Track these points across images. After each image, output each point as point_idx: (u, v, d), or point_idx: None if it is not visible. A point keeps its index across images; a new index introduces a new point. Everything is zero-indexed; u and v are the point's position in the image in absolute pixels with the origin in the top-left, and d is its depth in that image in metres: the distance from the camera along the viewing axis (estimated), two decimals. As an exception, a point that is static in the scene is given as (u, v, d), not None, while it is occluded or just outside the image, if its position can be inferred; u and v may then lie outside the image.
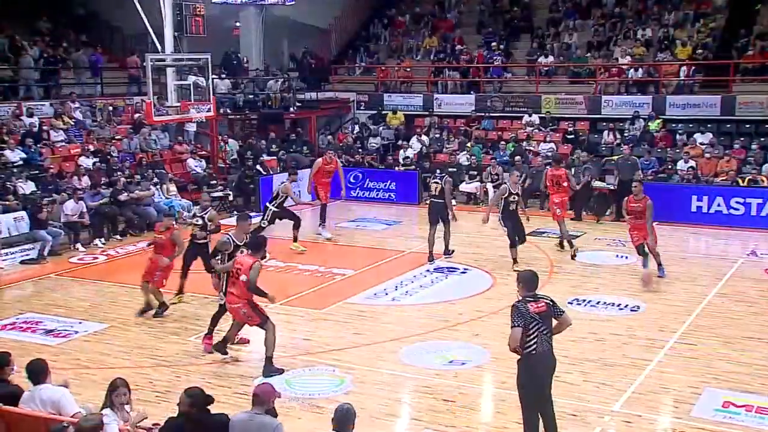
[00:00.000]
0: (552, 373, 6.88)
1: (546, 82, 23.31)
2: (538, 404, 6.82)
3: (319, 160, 16.38)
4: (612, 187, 17.93)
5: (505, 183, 14.11)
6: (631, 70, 22.01)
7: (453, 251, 14.23)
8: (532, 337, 6.60)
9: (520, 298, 6.81)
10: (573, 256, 14.15)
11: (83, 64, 22.26)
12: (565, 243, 14.78)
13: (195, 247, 11.71)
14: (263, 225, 14.61)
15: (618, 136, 20.56)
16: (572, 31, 24.48)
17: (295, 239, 14.97)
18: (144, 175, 17.79)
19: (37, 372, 6.44)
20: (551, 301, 6.87)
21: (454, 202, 15.17)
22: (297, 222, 15.04)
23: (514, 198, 13.52)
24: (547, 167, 16.11)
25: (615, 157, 18.75)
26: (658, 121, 20.47)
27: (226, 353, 9.51)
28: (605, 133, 20.90)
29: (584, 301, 11.77)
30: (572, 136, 21.00)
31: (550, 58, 23.50)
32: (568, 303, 11.60)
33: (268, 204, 15.00)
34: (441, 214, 13.86)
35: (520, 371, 6.75)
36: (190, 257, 11.72)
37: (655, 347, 9.89)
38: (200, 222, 11.85)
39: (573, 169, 17.67)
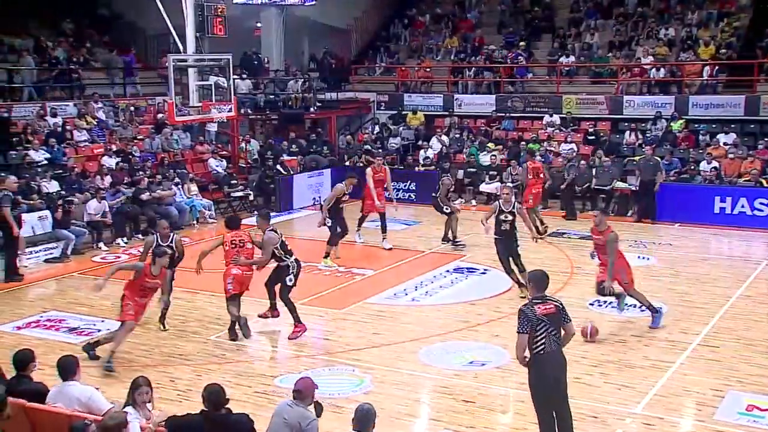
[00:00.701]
0: (563, 372, 6.85)
1: (567, 82, 23.20)
2: (553, 404, 6.80)
3: (369, 169, 15.72)
4: (633, 188, 17.83)
5: (501, 197, 12.19)
6: (653, 70, 21.84)
7: (459, 242, 15.10)
8: (540, 338, 6.60)
9: (529, 300, 6.81)
10: (536, 239, 13.82)
11: (116, 64, 22.55)
12: (539, 226, 15.77)
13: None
14: (329, 224, 14.18)
15: (640, 136, 20.42)
16: (593, 30, 24.34)
17: (327, 255, 14.14)
18: (165, 174, 17.93)
19: (67, 368, 6.47)
20: (561, 304, 6.85)
21: (461, 200, 17.03)
22: (343, 233, 14.47)
23: (506, 217, 11.82)
24: (528, 161, 17.31)
25: (637, 158, 18.63)
26: (681, 121, 20.29)
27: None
28: (627, 133, 20.77)
29: (605, 302, 11.67)
30: (593, 137, 20.88)
31: (571, 58, 23.39)
32: (589, 304, 11.55)
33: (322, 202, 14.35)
34: (438, 209, 15.34)
35: (530, 372, 6.76)
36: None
37: (676, 349, 9.81)
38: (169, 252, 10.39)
39: (571, 168, 18.46)
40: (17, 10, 22.32)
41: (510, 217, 11.81)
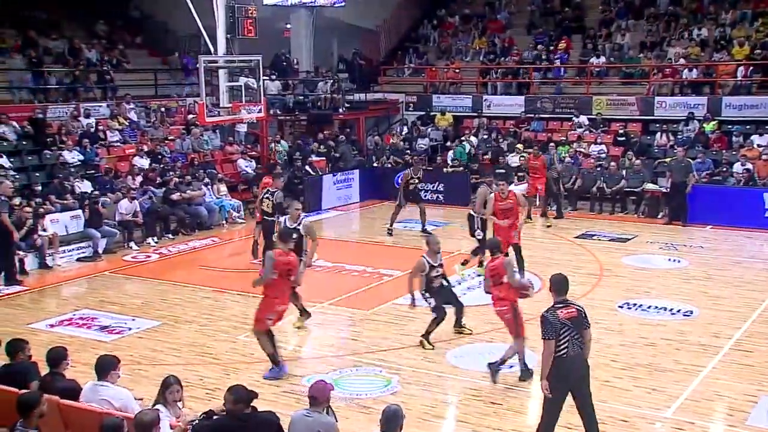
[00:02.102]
0: (586, 374, 6.82)
1: (597, 83, 23.00)
2: (578, 403, 6.83)
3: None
4: (664, 190, 17.63)
5: (432, 246, 10.05)
6: (686, 71, 21.57)
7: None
8: (563, 341, 6.61)
9: (551, 305, 6.79)
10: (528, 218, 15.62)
11: (176, 65, 22.94)
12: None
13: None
14: (478, 236, 13.47)
15: (671, 137, 20.18)
16: (624, 31, 24.10)
17: (466, 262, 13.47)
18: (195, 175, 18.09)
19: (105, 368, 6.50)
20: (583, 309, 6.84)
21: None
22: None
23: (437, 272, 9.97)
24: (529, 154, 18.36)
25: (668, 159, 18.42)
26: (714, 122, 20.02)
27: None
28: (658, 134, 20.53)
29: (635, 305, 11.58)
30: (623, 138, 20.68)
31: (602, 59, 23.19)
32: (618, 307, 11.45)
33: (472, 212, 13.66)
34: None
35: (551, 374, 6.71)
36: None
37: (708, 353, 9.68)
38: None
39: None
40: (52, 13, 22.72)
41: (440, 271, 10.07)
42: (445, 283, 10.24)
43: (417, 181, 16.73)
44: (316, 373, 9.01)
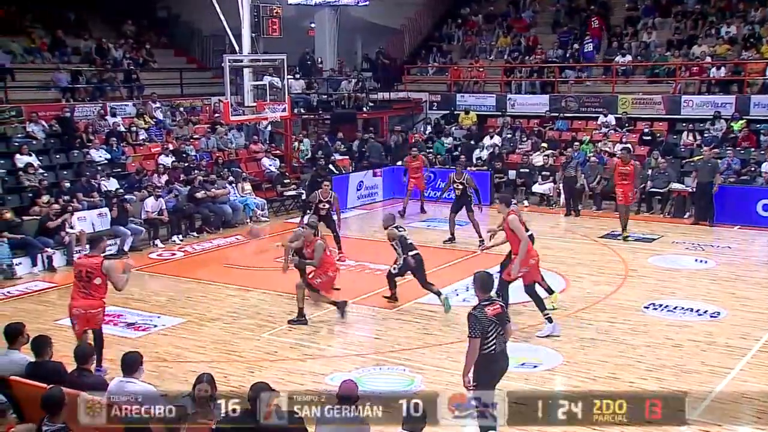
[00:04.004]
0: (505, 371, 7.11)
1: (622, 81, 22.82)
2: None
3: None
4: (691, 190, 17.44)
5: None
6: (713, 69, 21.32)
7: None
8: (491, 338, 6.80)
9: (477, 303, 6.94)
10: None
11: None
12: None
13: None
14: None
15: (698, 137, 19.96)
16: (651, 29, 23.87)
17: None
18: (220, 173, 18.21)
19: (131, 364, 6.58)
20: (504, 304, 7.13)
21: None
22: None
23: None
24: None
25: (695, 159, 18.22)
26: (742, 121, 19.77)
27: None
28: (684, 134, 20.31)
29: (661, 305, 11.47)
30: (649, 137, 20.49)
31: (628, 57, 22.99)
32: (644, 307, 11.34)
33: None
34: None
35: (477, 370, 6.82)
36: None
37: (735, 355, 9.56)
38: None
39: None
40: (81, 13, 22.98)
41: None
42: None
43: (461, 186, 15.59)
44: (340, 372, 9.03)
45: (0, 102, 18.17)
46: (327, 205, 14.31)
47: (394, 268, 11.55)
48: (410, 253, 11.36)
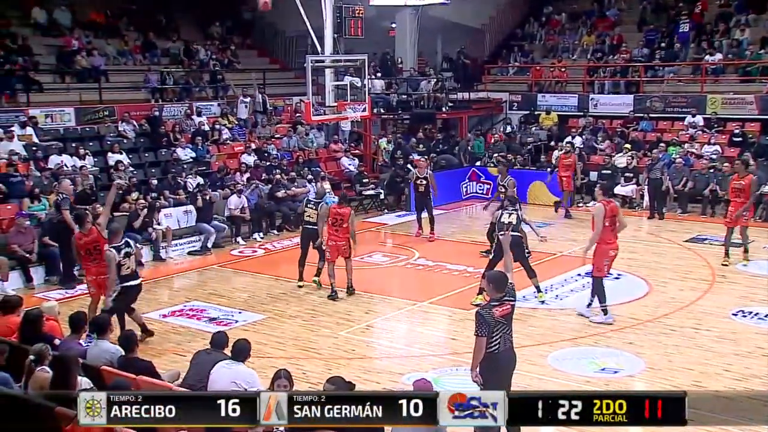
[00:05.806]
0: (513, 368, 7.04)
1: (712, 81, 22.05)
2: None
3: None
4: (784, 193, 16.71)
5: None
6: (811, 67, 20.39)
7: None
8: (496, 338, 6.77)
9: (487, 302, 6.95)
10: None
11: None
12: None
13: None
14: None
15: (792, 138, 19.12)
16: (744, 26, 22.97)
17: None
18: (300, 172, 18.48)
19: (242, 351, 7.18)
20: (515, 301, 7.05)
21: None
22: None
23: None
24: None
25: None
26: (841, 122, 18.84)
27: None
28: (778, 135, 19.49)
29: (750, 313, 11.04)
30: (740, 138, 19.73)
31: (718, 56, 22.20)
32: (732, 315, 10.95)
33: None
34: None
35: (482, 370, 6.77)
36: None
37: (831, 366, 9.13)
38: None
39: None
40: (171, 16, 23.73)
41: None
42: None
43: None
44: (416, 372, 9.03)
45: (94, 102, 18.94)
46: (425, 182, 15.82)
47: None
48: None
